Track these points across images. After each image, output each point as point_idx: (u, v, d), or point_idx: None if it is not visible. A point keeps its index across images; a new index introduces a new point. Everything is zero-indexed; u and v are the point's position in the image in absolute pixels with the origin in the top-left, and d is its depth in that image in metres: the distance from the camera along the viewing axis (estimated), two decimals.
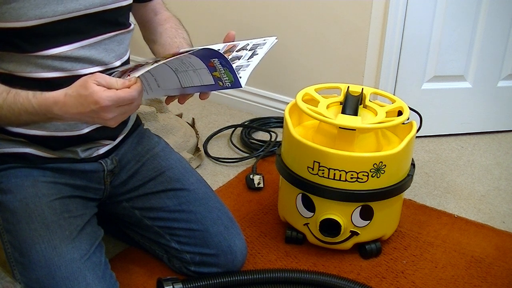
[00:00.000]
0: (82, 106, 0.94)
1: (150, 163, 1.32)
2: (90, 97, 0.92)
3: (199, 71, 0.96)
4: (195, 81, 0.99)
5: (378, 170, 1.31)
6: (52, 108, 0.97)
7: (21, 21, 1.02)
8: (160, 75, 1.00)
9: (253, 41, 1.03)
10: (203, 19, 2.26)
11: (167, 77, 0.99)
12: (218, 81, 0.96)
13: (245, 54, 1.01)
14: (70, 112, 0.96)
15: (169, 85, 1.02)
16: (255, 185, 1.71)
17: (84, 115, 0.95)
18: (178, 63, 0.95)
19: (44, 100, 0.97)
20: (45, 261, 1.08)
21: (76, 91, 0.94)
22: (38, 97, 0.98)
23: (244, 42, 1.02)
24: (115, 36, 1.17)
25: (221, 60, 0.92)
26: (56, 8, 1.04)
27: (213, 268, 1.27)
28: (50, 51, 1.07)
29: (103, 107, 0.92)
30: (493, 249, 1.48)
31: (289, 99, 1.92)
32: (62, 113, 0.96)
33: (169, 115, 1.97)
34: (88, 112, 0.94)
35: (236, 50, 1.04)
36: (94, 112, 0.93)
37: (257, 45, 1.03)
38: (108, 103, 0.92)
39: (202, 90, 1.02)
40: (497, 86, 2.05)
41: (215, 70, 0.94)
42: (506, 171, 1.88)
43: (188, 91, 1.04)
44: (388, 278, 1.37)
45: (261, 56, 1.00)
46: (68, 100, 0.95)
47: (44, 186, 1.16)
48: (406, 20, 1.87)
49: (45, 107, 0.97)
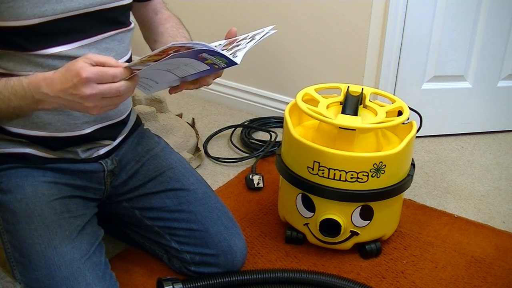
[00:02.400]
0: (65, 80, 0.92)
1: (150, 163, 1.32)
2: (73, 70, 0.91)
3: (191, 64, 0.96)
4: (191, 71, 1.00)
5: (378, 170, 1.31)
6: (40, 85, 0.95)
7: (21, 19, 1.02)
8: (154, 75, 1.00)
9: (252, 32, 1.04)
10: (203, 19, 2.26)
11: (162, 75, 1.00)
12: (213, 65, 0.97)
13: (244, 42, 1.02)
14: (55, 89, 0.94)
15: (168, 79, 1.02)
16: (255, 185, 1.71)
17: (65, 92, 0.93)
18: (167, 64, 0.95)
19: (34, 77, 0.97)
20: (45, 261, 1.08)
21: (65, 67, 0.94)
22: (30, 76, 0.98)
23: (244, 35, 1.04)
24: (116, 35, 1.17)
25: (207, 52, 0.92)
26: (56, 6, 1.04)
27: (213, 268, 1.27)
28: (50, 50, 1.07)
29: (82, 79, 0.90)
30: (493, 249, 1.48)
31: (289, 99, 1.93)
32: (48, 90, 0.94)
33: (169, 115, 1.97)
34: (69, 88, 0.92)
35: (237, 42, 1.05)
36: (75, 86, 0.91)
37: (256, 34, 1.04)
38: (88, 74, 0.90)
39: (201, 75, 1.02)
40: (497, 86, 2.05)
41: (205, 59, 0.95)
42: (506, 171, 1.88)
43: (188, 79, 1.04)
44: (388, 278, 1.37)
45: (257, 40, 1.01)
46: (56, 76, 0.94)
47: (44, 186, 1.16)
48: (406, 20, 1.87)
49: (35, 85, 0.96)
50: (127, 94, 0.95)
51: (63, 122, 1.14)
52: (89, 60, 0.92)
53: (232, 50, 0.99)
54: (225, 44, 1.01)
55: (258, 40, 1.02)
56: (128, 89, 0.94)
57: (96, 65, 0.92)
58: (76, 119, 1.15)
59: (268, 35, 1.04)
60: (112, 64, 0.93)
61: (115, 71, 0.92)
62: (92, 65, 0.92)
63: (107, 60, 0.93)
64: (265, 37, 1.04)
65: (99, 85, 0.91)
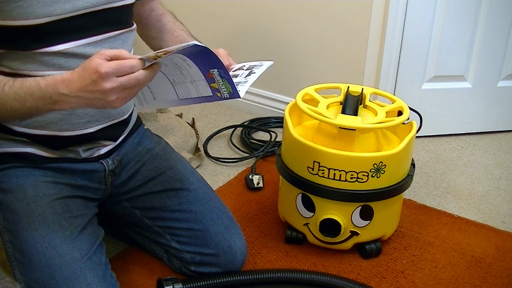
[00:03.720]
0: (84, 79, 0.93)
1: (151, 163, 1.32)
2: (90, 68, 0.92)
3: (197, 83, 0.96)
4: (192, 92, 1.00)
5: (378, 170, 1.31)
6: (59, 86, 0.95)
7: (30, 19, 1.03)
8: (157, 86, 1.00)
9: (249, 63, 1.06)
10: (203, 19, 2.26)
11: (164, 89, 1.00)
12: (216, 92, 0.97)
13: (242, 73, 1.03)
14: (74, 88, 0.94)
15: (166, 97, 1.02)
16: (255, 185, 1.71)
17: (85, 91, 0.93)
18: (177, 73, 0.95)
19: (52, 79, 0.97)
20: (46, 261, 1.08)
21: (81, 66, 0.94)
22: (47, 78, 0.98)
23: (240, 64, 1.05)
24: (120, 35, 1.17)
25: (220, 71, 0.93)
26: (64, 6, 1.05)
27: (213, 268, 1.28)
28: (56, 47, 1.07)
29: (102, 75, 0.91)
30: (493, 249, 1.48)
31: (289, 99, 1.93)
32: (67, 91, 0.95)
33: (169, 115, 1.98)
34: (89, 85, 0.92)
35: (233, 71, 1.06)
36: (95, 83, 0.92)
37: (254, 66, 1.05)
38: (107, 69, 0.90)
39: (199, 101, 1.02)
40: (497, 86, 2.05)
41: (213, 81, 0.95)
42: (506, 171, 1.88)
43: (184, 103, 1.04)
44: (388, 278, 1.37)
45: (258, 75, 1.02)
46: (73, 76, 0.95)
47: (45, 186, 1.16)
48: (406, 20, 1.87)
49: (53, 86, 0.96)
50: (146, 82, 0.96)
51: (66, 121, 1.15)
52: (103, 56, 0.93)
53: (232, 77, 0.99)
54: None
55: (259, 75, 1.03)
56: (147, 78, 0.95)
57: (111, 59, 0.93)
58: (79, 119, 1.16)
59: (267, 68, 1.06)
60: (126, 56, 0.94)
61: (132, 62, 0.93)
62: (107, 60, 0.92)
63: (120, 52, 0.94)
64: (264, 71, 1.05)
65: (118, 77, 0.92)
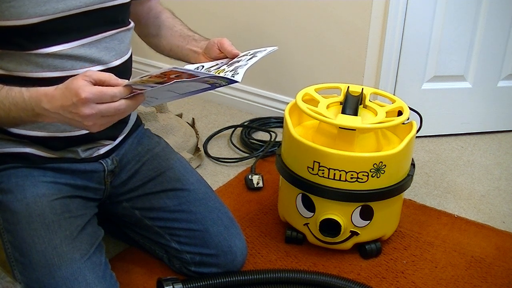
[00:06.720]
0: (65, 98, 0.92)
1: (150, 163, 1.32)
2: (73, 89, 0.91)
3: (193, 84, 0.97)
4: (192, 89, 1.00)
5: (378, 170, 1.31)
6: (41, 100, 0.95)
7: (22, 19, 1.02)
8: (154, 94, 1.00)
9: (254, 50, 1.06)
10: (203, 19, 2.26)
11: (163, 93, 1.00)
12: (214, 84, 0.98)
13: (245, 58, 1.02)
14: (55, 105, 0.94)
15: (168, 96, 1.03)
16: (255, 185, 1.71)
17: (65, 110, 0.93)
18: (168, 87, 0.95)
19: (35, 92, 0.97)
20: (45, 261, 1.08)
21: (65, 84, 0.94)
22: (31, 89, 0.98)
23: (245, 51, 1.05)
24: (116, 34, 1.17)
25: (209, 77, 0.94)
26: (57, 5, 1.05)
27: (213, 268, 1.28)
28: (51, 48, 1.07)
29: (81, 100, 0.90)
30: (493, 249, 1.48)
31: (289, 99, 1.93)
32: (49, 107, 0.95)
33: (169, 115, 1.97)
34: (69, 106, 0.92)
35: (237, 58, 1.07)
36: (74, 105, 0.91)
37: (257, 51, 1.05)
38: (87, 95, 0.90)
39: (202, 92, 1.03)
40: (497, 86, 2.05)
41: (207, 81, 0.96)
42: (506, 171, 1.88)
43: (188, 95, 1.04)
44: (388, 278, 1.37)
45: (259, 58, 1.02)
46: (56, 93, 0.94)
47: (44, 186, 1.16)
48: (406, 20, 1.87)
49: (35, 99, 0.96)
50: (127, 112, 0.95)
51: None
52: (89, 78, 0.92)
53: (232, 66, 0.99)
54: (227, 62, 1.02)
55: (260, 57, 1.02)
56: (128, 108, 0.94)
57: (96, 83, 0.92)
58: None
59: (269, 52, 1.05)
60: (112, 82, 0.93)
61: (114, 92, 0.92)
62: (92, 83, 0.92)
63: (107, 78, 0.93)
64: (266, 54, 1.05)
65: (98, 104, 0.91)
